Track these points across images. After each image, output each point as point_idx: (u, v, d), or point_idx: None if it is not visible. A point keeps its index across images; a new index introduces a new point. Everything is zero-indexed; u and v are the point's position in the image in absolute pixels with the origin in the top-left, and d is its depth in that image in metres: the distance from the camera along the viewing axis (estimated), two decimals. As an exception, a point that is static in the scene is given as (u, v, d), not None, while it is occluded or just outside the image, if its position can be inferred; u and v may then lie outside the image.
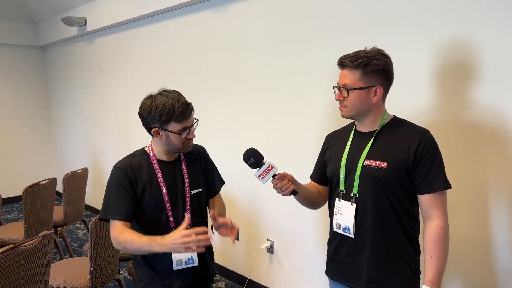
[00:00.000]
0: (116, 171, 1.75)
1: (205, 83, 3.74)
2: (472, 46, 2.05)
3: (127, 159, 1.80)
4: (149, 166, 1.78)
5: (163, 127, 1.71)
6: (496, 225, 2.06)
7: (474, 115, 2.07)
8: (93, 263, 2.52)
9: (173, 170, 1.82)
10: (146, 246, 1.60)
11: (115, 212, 1.70)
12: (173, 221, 1.78)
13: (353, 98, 1.60)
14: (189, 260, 1.76)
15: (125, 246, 1.64)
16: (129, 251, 1.68)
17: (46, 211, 3.63)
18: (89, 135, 5.87)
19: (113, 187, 1.74)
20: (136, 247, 1.62)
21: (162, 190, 1.76)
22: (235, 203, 3.57)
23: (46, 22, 6.28)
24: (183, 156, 1.87)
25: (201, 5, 3.67)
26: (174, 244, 1.54)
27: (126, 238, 1.63)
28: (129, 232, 1.66)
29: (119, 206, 1.71)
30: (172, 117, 1.67)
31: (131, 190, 1.73)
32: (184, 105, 1.69)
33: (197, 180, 1.88)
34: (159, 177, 1.77)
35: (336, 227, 1.72)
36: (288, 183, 1.67)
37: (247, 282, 3.50)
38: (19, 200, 6.40)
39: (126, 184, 1.72)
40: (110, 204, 1.73)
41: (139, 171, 1.76)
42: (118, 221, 1.69)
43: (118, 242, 1.67)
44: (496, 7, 1.96)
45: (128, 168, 1.75)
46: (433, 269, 1.54)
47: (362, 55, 1.58)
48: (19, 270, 2.03)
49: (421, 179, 1.56)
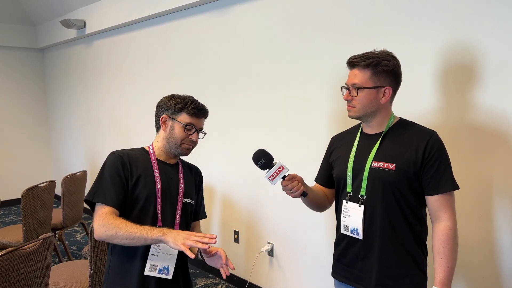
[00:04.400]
0: (112, 156, 1.68)
1: (205, 85, 3.73)
2: (475, 48, 2.06)
3: (125, 150, 1.77)
4: (146, 161, 1.73)
5: (173, 116, 1.72)
6: (500, 227, 2.05)
7: (479, 117, 2.07)
8: (93, 266, 2.49)
9: (170, 172, 1.78)
10: (144, 231, 1.49)
11: (105, 197, 1.59)
12: (161, 219, 1.69)
13: (362, 97, 1.59)
14: (164, 269, 1.65)
15: (117, 231, 1.50)
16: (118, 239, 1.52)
17: (45, 214, 3.60)
18: (88, 138, 5.84)
19: (106, 172, 1.65)
20: (130, 232, 1.50)
21: (156, 184, 1.69)
22: (235, 206, 3.55)
23: (45, 25, 6.26)
24: (181, 166, 1.84)
25: (200, 8, 3.67)
26: (178, 234, 1.46)
27: (121, 222, 1.52)
28: (121, 218, 1.56)
29: (111, 191, 1.61)
30: (186, 107, 1.71)
31: (124, 178, 1.64)
32: (200, 105, 1.76)
33: (191, 191, 1.82)
34: (156, 171, 1.71)
35: (344, 229, 1.71)
36: (298, 184, 1.65)
37: (247, 285, 3.48)
38: (16, 203, 6.36)
39: (120, 169, 1.64)
40: (101, 188, 1.62)
41: (136, 161, 1.70)
42: (107, 207, 1.58)
43: (107, 228, 1.52)
44: (499, 10, 1.97)
45: (125, 155, 1.69)
46: (443, 270, 1.53)
47: (373, 55, 1.59)
48: (20, 273, 2.00)
49: (429, 180, 1.56)
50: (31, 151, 6.74)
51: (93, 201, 1.62)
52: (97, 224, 1.56)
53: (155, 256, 1.65)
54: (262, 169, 1.67)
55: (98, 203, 1.61)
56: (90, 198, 1.62)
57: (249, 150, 2.22)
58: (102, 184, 1.63)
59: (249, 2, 3.22)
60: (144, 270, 1.65)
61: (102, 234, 1.54)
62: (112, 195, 1.61)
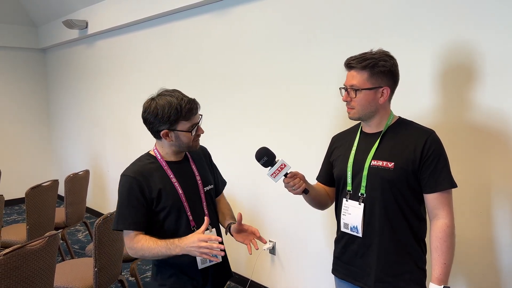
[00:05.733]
0: (125, 179, 1.70)
1: (206, 85, 3.75)
2: (474, 48, 2.08)
3: (134, 166, 1.74)
4: (159, 169, 1.74)
5: (172, 128, 1.67)
6: (499, 225, 2.08)
7: (477, 117, 2.10)
8: (97, 263, 2.52)
9: (184, 169, 1.80)
10: (164, 250, 1.61)
11: (127, 222, 1.67)
12: (193, 219, 1.76)
13: (360, 98, 1.62)
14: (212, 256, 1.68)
15: (143, 254, 1.64)
16: (148, 258, 1.68)
17: (48, 213, 3.63)
18: (89, 138, 5.86)
19: (123, 197, 1.69)
20: (153, 252, 1.62)
21: (177, 190, 1.73)
22: (236, 204, 3.57)
23: (46, 25, 6.28)
24: (190, 155, 1.86)
25: (202, 8, 3.69)
26: (192, 247, 1.56)
27: (143, 245, 1.63)
28: (144, 240, 1.65)
29: (130, 215, 1.67)
30: (181, 115, 1.64)
31: (143, 198, 1.67)
32: (191, 101, 1.67)
33: (207, 177, 1.88)
34: (172, 178, 1.73)
35: (344, 227, 1.74)
36: (300, 181, 1.67)
37: (249, 284, 3.50)
38: (18, 203, 6.39)
39: (137, 191, 1.67)
40: (122, 214, 1.69)
41: (150, 176, 1.70)
42: (131, 232, 1.67)
43: (135, 251, 1.66)
44: (498, 10, 1.99)
45: (138, 174, 1.69)
46: (440, 267, 1.56)
47: (369, 56, 1.60)
48: (26, 270, 2.04)
49: (427, 179, 1.58)
50: (33, 151, 6.77)
51: (117, 230, 1.71)
52: (126, 248, 1.71)
53: None
54: (264, 166, 1.70)
55: (124, 230, 1.70)
56: (114, 228, 1.71)
57: (250, 149, 2.25)
58: (121, 210, 1.70)
59: (250, 3, 3.24)
60: (198, 265, 1.75)
61: (134, 256, 1.71)
62: (134, 220, 1.68)
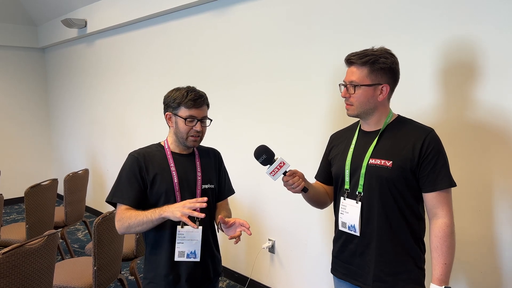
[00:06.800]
0: (129, 158, 1.82)
1: (205, 84, 3.75)
2: (475, 46, 2.08)
3: (142, 149, 1.87)
4: (162, 157, 1.83)
5: (175, 112, 1.78)
6: (499, 223, 2.08)
7: (478, 115, 2.09)
8: (96, 262, 2.52)
9: (186, 162, 1.86)
10: (149, 214, 1.65)
11: (122, 197, 1.76)
12: None
13: (359, 95, 1.61)
14: (191, 254, 1.78)
15: (129, 222, 1.68)
16: (133, 228, 1.70)
17: (48, 212, 3.63)
18: (89, 137, 5.86)
19: (124, 173, 1.80)
20: (139, 219, 1.66)
21: (173, 178, 1.79)
22: (236, 203, 3.57)
23: (46, 24, 6.28)
24: (198, 152, 1.92)
25: (201, 7, 3.69)
26: (176, 208, 1.59)
27: (131, 213, 1.69)
28: (133, 210, 1.72)
29: (127, 191, 1.76)
30: (183, 101, 1.75)
31: (140, 177, 1.77)
32: (197, 94, 1.78)
33: (210, 176, 1.91)
34: (171, 166, 1.81)
35: (342, 225, 1.73)
36: (299, 180, 1.67)
37: (248, 282, 3.51)
38: (18, 202, 6.39)
39: (136, 170, 1.77)
40: (119, 188, 1.78)
41: (152, 159, 1.81)
42: (124, 206, 1.74)
43: (122, 222, 1.70)
44: (499, 7, 1.99)
45: (140, 155, 1.81)
46: (440, 267, 1.54)
47: (370, 53, 1.60)
48: (25, 269, 2.04)
49: (426, 177, 1.57)
50: (32, 150, 6.77)
51: (112, 201, 1.78)
52: (116, 221, 1.75)
53: (181, 243, 1.77)
54: (263, 164, 1.69)
55: (118, 203, 1.77)
56: (109, 199, 1.79)
57: (250, 147, 2.24)
58: (119, 186, 1.79)
59: (248, 2, 3.24)
60: (174, 256, 1.78)
61: (120, 228, 1.73)
62: (129, 195, 1.75)
